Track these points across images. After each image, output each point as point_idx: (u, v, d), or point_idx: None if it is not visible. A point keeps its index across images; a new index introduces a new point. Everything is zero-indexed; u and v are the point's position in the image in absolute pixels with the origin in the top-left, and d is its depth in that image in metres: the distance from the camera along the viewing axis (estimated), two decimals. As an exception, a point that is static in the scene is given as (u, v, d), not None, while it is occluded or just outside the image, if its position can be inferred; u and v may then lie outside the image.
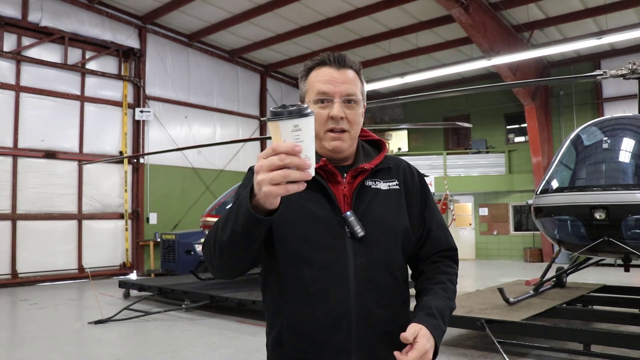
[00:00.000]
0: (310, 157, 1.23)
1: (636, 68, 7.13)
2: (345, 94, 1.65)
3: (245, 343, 6.97)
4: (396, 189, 1.73)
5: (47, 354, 6.48)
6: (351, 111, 1.66)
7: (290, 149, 1.20)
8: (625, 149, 6.46)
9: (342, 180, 1.67)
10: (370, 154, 1.78)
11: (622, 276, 10.39)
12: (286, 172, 1.20)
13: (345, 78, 1.67)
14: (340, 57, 1.69)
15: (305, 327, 1.59)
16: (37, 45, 14.02)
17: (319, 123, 1.65)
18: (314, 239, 1.60)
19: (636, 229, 5.91)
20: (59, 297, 11.34)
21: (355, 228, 1.60)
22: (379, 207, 1.67)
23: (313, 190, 1.62)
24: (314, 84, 1.68)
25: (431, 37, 17.04)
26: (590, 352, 5.55)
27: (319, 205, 1.63)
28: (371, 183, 1.70)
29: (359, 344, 1.58)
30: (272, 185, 1.22)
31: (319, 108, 1.65)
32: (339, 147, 1.66)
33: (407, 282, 1.75)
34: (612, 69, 7.31)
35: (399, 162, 1.82)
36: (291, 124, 1.21)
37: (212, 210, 10.11)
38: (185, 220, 16.83)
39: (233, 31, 16.93)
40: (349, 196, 1.66)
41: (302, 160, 1.21)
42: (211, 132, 18.36)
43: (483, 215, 20.21)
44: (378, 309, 1.61)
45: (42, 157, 14.02)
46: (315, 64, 1.71)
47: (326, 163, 1.66)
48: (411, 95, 9.08)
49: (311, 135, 1.24)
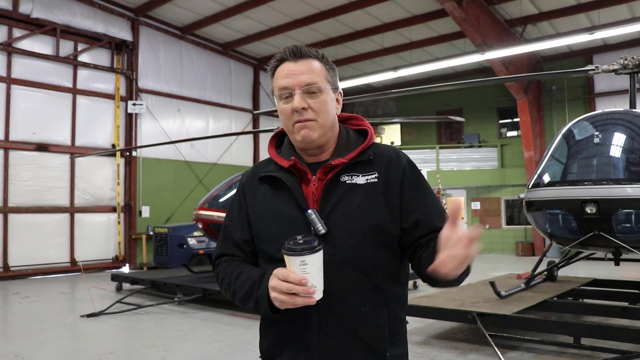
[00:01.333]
0: (316, 284, 1.46)
1: (628, 63, 7.17)
2: (305, 84, 1.64)
3: (238, 336, 6.99)
4: (374, 182, 1.66)
5: (39, 348, 6.47)
6: (314, 100, 1.65)
7: (297, 281, 1.43)
8: (617, 143, 6.50)
9: (311, 178, 1.68)
10: (351, 145, 1.74)
11: (612, 270, 10.49)
12: (292, 299, 1.45)
13: (304, 68, 1.66)
14: (296, 49, 1.69)
15: (274, 322, 1.66)
16: (29, 37, 13.92)
17: (286, 118, 1.68)
18: (282, 239, 1.56)
19: (626, 223, 5.95)
20: (51, 290, 11.32)
21: (317, 226, 1.59)
22: (350, 203, 1.63)
23: (285, 190, 1.69)
24: (276, 81, 1.70)
25: (425, 31, 17.04)
26: (580, 344, 5.60)
27: (289, 205, 1.66)
28: (347, 178, 1.67)
29: (320, 341, 1.60)
30: (282, 302, 1.48)
31: (283, 103, 1.67)
32: (307, 136, 1.65)
33: (391, 282, 1.68)
34: (604, 64, 7.34)
35: (387, 151, 1.74)
36: (299, 259, 1.44)
37: (204, 203, 10.08)
38: (178, 213, 16.81)
39: (226, 24, 16.87)
40: (317, 194, 1.66)
41: (307, 289, 1.44)
42: (204, 125, 18.32)
43: (475, 209, 20.28)
44: (342, 308, 1.59)
45: (34, 150, 13.95)
46: (276, 62, 1.72)
47: (296, 162, 1.68)
48: (404, 89, 9.08)
49: (318, 267, 1.47)
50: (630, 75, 7.37)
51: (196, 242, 13.35)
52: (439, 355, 5.93)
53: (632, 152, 6.34)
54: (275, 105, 1.73)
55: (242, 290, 1.65)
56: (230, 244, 1.81)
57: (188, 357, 6.01)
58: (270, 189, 1.73)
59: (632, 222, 5.95)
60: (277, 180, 1.71)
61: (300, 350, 1.62)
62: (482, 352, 5.99)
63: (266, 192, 1.74)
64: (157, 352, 6.22)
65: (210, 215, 9.78)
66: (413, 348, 6.05)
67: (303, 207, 1.64)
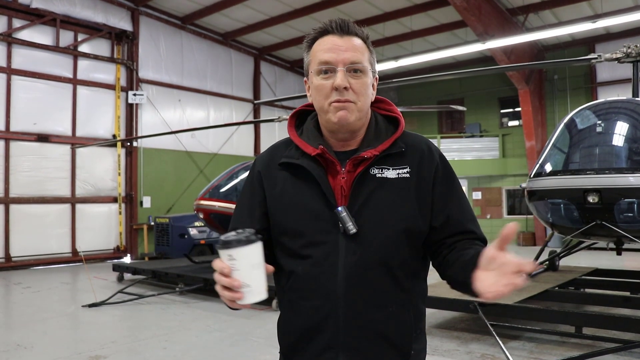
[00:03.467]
0: (248, 283, 1.32)
1: (631, 52, 7.12)
2: (349, 61, 1.53)
3: (239, 326, 6.99)
4: (405, 177, 1.57)
5: (41, 337, 6.49)
6: (357, 80, 1.54)
7: (219, 269, 1.33)
8: (619, 132, 6.47)
9: (340, 170, 1.56)
10: (381, 134, 1.63)
11: (614, 260, 10.46)
12: (221, 292, 1.35)
13: (350, 45, 1.55)
14: (344, 24, 1.57)
15: (295, 321, 1.59)
16: (29, 28, 13.85)
17: (322, 95, 1.55)
18: (306, 235, 1.54)
19: (628, 213, 5.94)
20: (53, 280, 11.34)
21: (347, 225, 1.50)
22: (381, 200, 1.54)
23: (311, 182, 1.57)
24: (316, 54, 1.57)
25: (426, 21, 16.95)
26: (582, 334, 5.61)
27: (314, 199, 1.56)
28: (377, 171, 1.56)
29: (345, 343, 1.52)
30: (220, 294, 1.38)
31: (321, 79, 1.55)
32: (344, 118, 1.53)
33: (414, 280, 1.62)
34: (606, 53, 7.29)
35: (418, 143, 1.65)
36: (226, 253, 1.31)
37: (205, 193, 10.08)
38: (179, 203, 16.79)
39: (227, 14, 16.79)
40: (346, 188, 1.55)
41: (230, 281, 1.31)
42: (205, 116, 18.27)
43: (477, 199, 20.26)
44: (369, 308, 1.53)
45: (35, 141, 13.93)
46: (317, 34, 1.60)
47: (324, 151, 1.56)
48: (405, 79, 9.03)
49: (250, 263, 1.32)
50: (633, 63, 7.32)
51: (197, 232, 13.36)
52: (440, 344, 5.94)
53: (634, 142, 6.31)
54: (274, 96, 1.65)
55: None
56: None
57: (189, 347, 6.02)
58: (292, 177, 1.61)
59: (635, 212, 5.93)
60: (302, 168, 1.59)
61: (325, 349, 1.54)
62: (484, 341, 6.00)
63: (287, 181, 1.62)
64: (158, 342, 6.23)
65: (212, 205, 9.78)
66: (414, 338, 6.04)
67: (331, 201, 1.53)
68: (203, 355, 5.72)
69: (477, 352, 5.63)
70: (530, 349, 5.68)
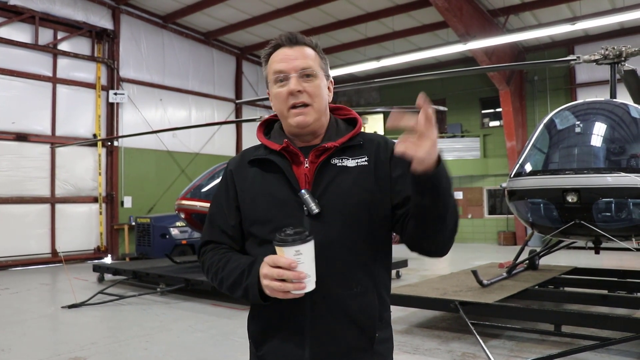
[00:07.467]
0: (309, 274, 1.47)
1: (608, 54, 7.22)
2: (300, 68, 1.67)
3: (221, 326, 6.97)
4: (364, 165, 1.69)
5: (19, 339, 6.41)
6: (309, 84, 1.68)
7: (287, 264, 1.44)
8: (597, 133, 6.54)
9: (304, 160, 1.69)
10: (341, 131, 1.77)
11: (592, 258, 10.61)
12: (282, 285, 1.46)
13: (299, 54, 1.70)
14: (292, 36, 1.74)
15: (266, 306, 1.62)
16: (7, 25, 13.66)
17: (280, 102, 1.69)
18: (273, 220, 1.63)
19: (606, 212, 6.01)
20: (32, 281, 11.21)
21: (310, 205, 1.61)
22: (342, 185, 1.65)
23: (275, 172, 1.70)
24: (272, 65, 1.73)
25: (407, 21, 17.04)
26: (561, 332, 5.67)
27: (280, 187, 1.68)
28: (337, 161, 1.69)
29: (313, 322, 1.60)
30: (273, 290, 1.49)
31: (278, 87, 1.70)
32: (302, 122, 1.67)
33: (378, 266, 1.70)
34: (585, 55, 7.39)
35: (375, 138, 1.79)
36: (293, 249, 1.44)
37: (187, 193, 10.03)
38: (160, 203, 16.70)
39: (208, 13, 16.73)
40: (309, 175, 1.67)
41: (297, 274, 1.44)
42: (186, 115, 18.20)
43: (458, 198, 20.33)
44: (336, 288, 1.61)
45: (13, 140, 13.75)
46: (271, 48, 1.77)
47: (288, 144, 1.69)
48: (387, 79, 9.08)
49: (311, 257, 1.47)
50: (610, 65, 7.42)
51: (178, 232, 13.29)
52: (421, 343, 5.97)
53: (612, 142, 6.39)
54: (256, 95, 1.72)
55: (229, 278, 1.65)
56: (216, 230, 1.80)
57: (170, 348, 5.99)
58: (261, 171, 1.74)
59: (612, 211, 6.00)
60: (269, 162, 1.72)
61: (293, 333, 1.62)
62: (465, 340, 6.04)
63: (257, 175, 1.74)
64: (139, 343, 6.19)
65: (193, 205, 9.74)
66: (396, 337, 6.07)
67: (295, 188, 1.65)
68: (184, 356, 5.69)
69: (458, 351, 5.67)
70: (510, 347, 5.73)
